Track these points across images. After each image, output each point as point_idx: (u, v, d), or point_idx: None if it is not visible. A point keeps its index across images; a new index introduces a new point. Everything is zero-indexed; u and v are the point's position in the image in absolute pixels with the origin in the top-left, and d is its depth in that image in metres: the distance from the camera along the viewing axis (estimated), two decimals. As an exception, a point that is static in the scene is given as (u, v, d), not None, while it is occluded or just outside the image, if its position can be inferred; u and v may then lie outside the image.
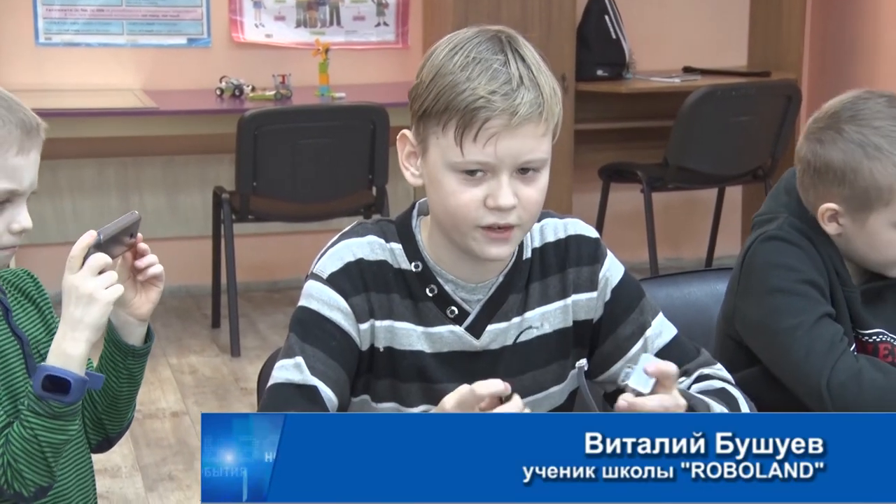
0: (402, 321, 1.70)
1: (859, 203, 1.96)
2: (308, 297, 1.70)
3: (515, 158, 1.60)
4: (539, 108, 1.59)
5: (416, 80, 1.66)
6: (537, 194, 1.64)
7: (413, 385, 1.71)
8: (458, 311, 1.71)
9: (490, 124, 1.58)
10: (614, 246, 1.93)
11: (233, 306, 4.70)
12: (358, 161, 4.65)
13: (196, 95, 5.19)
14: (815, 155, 1.98)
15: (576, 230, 1.78)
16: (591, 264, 1.77)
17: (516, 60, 1.60)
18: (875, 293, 2.08)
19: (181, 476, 3.66)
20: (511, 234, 1.64)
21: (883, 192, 1.93)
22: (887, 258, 2.01)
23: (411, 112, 1.67)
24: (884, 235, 1.98)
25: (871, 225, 1.97)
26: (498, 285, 1.72)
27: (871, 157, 1.93)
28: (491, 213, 1.61)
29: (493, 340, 1.72)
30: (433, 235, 1.72)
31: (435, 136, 1.62)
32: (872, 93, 2.00)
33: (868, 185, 1.93)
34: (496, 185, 1.60)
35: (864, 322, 2.05)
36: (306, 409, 1.64)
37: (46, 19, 5.18)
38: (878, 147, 1.92)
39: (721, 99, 5.00)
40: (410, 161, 1.69)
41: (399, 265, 1.71)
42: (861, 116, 1.95)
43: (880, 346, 2.07)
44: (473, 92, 1.58)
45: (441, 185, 1.63)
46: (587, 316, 1.77)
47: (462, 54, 1.61)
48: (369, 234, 1.72)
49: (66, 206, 5.23)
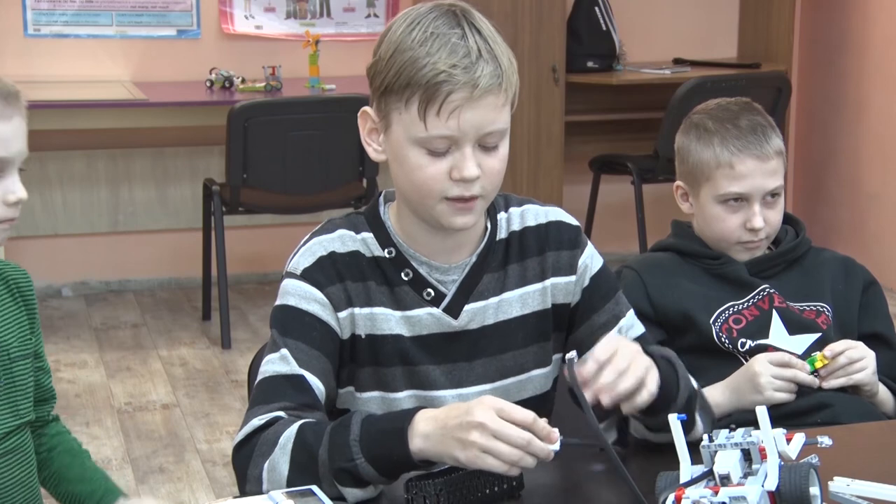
0: (381, 307, 1.73)
1: (693, 179, 2.19)
2: (285, 295, 1.73)
3: (478, 130, 1.64)
4: (499, 80, 1.63)
5: (375, 58, 1.69)
6: (499, 164, 1.68)
7: (396, 369, 1.74)
8: (434, 293, 1.74)
9: (452, 97, 1.61)
10: (605, 237, 1.96)
11: (223, 298, 4.69)
12: (348, 153, 4.65)
13: (186, 87, 5.18)
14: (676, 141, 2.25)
15: (556, 216, 1.83)
16: (571, 249, 1.81)
17: (473, 34, 1.64)
18: (769, 263, 2.18)
19: (172, 468, 3.66)
20: (475, 203, 1.67)
21: (705, 168, 2.15)
22: (714, 232, 2.18)
23: (371, 89, 1.70)
24: (709, 209, 2.17)
25: (702, 200, 2.18)
26: (471, 265, 1.76)
27: (699, 138, 2.17)
28: (456, 185, 1.65)
29: (472, 320, 1.75)
30: (402, 216, 1.75)
31: (397, 111, 1.65)
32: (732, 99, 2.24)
33: (694, 162, 2.18)
34: (460, 157, 1.64)
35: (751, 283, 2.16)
36: (296, 398, 1.67)
37: (35, 10, 5.16)
38: (706, 129, 2.16)
39: (711, 90, 4.99)
40: (372, 137, 1.73)
41: (372, 253, 1.74)
42: (706, 108, 2.21)
43: (805, 313, 2.14)
44: (434, 66, 1.61)
45: (406, 159, 1.66)
46: (565, 300, 1.81)
47: (420, 29, 1.63)
48: (338, 228, 1.76)
49: (56, 198, 5.22)
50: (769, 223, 2.15)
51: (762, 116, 2.19)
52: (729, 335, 2.11)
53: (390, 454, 1.54)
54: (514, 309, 1.77)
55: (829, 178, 5.88)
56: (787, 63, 5.65)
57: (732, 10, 5.95)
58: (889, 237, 5.47)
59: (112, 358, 4.60)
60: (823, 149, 5.92)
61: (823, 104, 5.89)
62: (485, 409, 1.50)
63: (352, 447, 1.55)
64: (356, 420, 1.58)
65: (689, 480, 1.45)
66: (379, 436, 1.55)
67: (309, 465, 1.57)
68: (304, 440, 1.59)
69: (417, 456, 1.54)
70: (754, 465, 1.45)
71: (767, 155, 2.13)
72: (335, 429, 1.58)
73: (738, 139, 2.13)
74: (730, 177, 2.13)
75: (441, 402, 1.74)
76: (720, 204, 2.16)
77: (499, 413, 1.50)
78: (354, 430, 1.56)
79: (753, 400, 1.97)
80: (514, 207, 1.81)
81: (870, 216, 5.61)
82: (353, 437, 1.55)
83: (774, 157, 2.14)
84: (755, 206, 2.13)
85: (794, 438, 1.50)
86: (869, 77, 5.57)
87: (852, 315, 2.19)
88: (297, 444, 1.59)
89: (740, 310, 2.13)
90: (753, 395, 2.00)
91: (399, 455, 1.54)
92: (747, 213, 2.14)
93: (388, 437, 1.55)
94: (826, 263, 2.22)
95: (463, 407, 1.53)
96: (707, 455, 1.47)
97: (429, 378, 1.74)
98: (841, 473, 1.55)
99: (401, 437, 1.54)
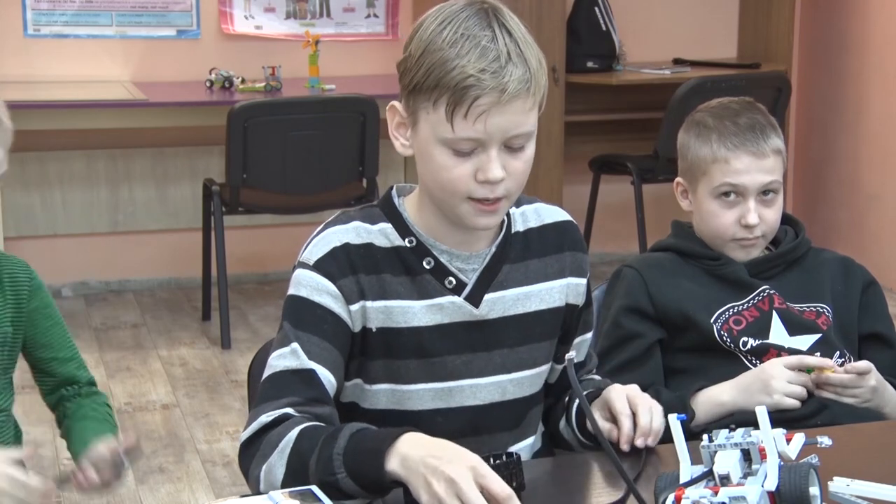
0: (397, 299, 1.72)
1: (692, 175, 2.20)
2: (297, 285, 1.72)
3: (504, 133, 1.64)
4: (527, 84, 1.63)
5: (405, 54, 1.69)
6: (524, 165, 1.69)
7: (411, 362, 1.73)
8: (455, 281, 1.75)
9: (480, 102, 1.61)
10: (604, 237, 1.99)
11: (223, 298, 4.69)
12: (348, 153, 4.65)
13: (186, 87, 5.18)
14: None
15: (568, 218, 1.87)
16: (582, 252, 1.86)
17: (503, 35, 1.63)
18: (769, 264, 2.18)
19: (172, 468, 3.66)
20: (499, 205, 1.69)
21: (702, 163, 2.16)
22: (710, 229, 2.18)
23: (401, 85, 1.70)
24: (706, 205, 2.18)
25: (699, 196, 2.19)
26: (491, 255, 1.77)
27: (698, 135, 2.18)
28: (481, 187, 1.66)
29: (492, 309, 1.76)
30: (422, 208, 1.75)
31: (425, 110, 1.65)
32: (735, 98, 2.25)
33: (693, 158, 2.19)
34: (486, 158, 1.64)
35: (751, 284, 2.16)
36: (305, 392, 1.66)
37: (35, 10, 5.16)
38: (706, 125, 2.17)
39: (711, 91, 4.98)
40: (400, 131, 1.73)
41: (392, 243, 1.74)
42: (708, 107, 2.22)
43: (805, 313, 2.14)
44: (463, 70, 1.60)
45: (432, 158, 1.67)
46: (575, 301, 1.84)
47: (451, 29, 1.63)
48: (353, 220, 1.76)
49: (56, 199, 5.21)
50: (765, 221, 2.15)
51: (763, 115, 2.19)
52: (730, 334, 2.11)
53: (368, 473, 1.52)
54: (534, 303, 1.79)
55: (829, 178, 5.88)
56: (786, 63, 5.65)
57: (732, 10, 5.95)
58: (889, 237, 5.47)
59: (112, 358, 4.60)
60: (823, 149, 5.92)
61: (823, 104, 5.89)
62: (464, 469, 1.45)
63: (334, 461, 1.53)
64: (345, 433, 1.55)
65: (689, 480, 1.46)
66: (361, 453, 1.53)
67: (302, 472, 1.57)
68: (300, 447, 1.58)
69: (390, 476, 1.50)
70: (754, 466, 1.45)
71: (764, 152, 2.13)
72: (326, 439, 1.56)
73: (735, 136, 2.14)
74: (725, 171, 2.14)
75: (457, 392, 1.75)
76: (716, 199, 2.16)
77: (477, 478, 1.44)
78: (340, 444, 1.54)
79: (761, 401, 1.94)
80: (525, 205, 1.83)
81: (869, 216, 5.61)
82: (336, 451, 1.54)
83: (771, 156, 2.14)
84: (750, 201, 2.14)
85: (794, 439, 1.50)
86: (869, 77, 5.57)
87: (852, 315, 2.18)
88: (294, 450, 1.58)
89: (740, 311, 2.13)
90: (762, 396, 1.98)
91: (375, 474, 1.51)
92: (742, 209, 2.14)
93: (368, 455, 1.52)
94: (826, 264, 2.22)
95: (449, 453, 1.48)
96: (707, 455, 1.47)
97: (446, 368, 1.74)
98: (841, 473, 1.55)
99: (378, 457, 1.51)
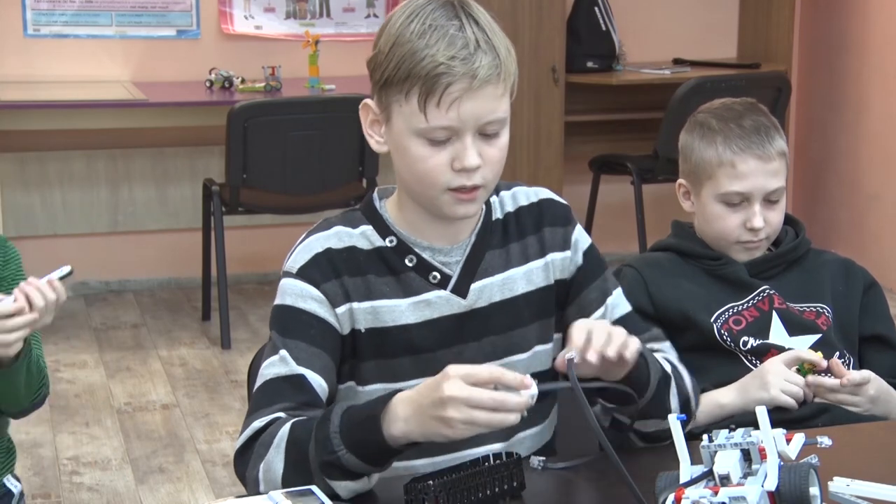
0: (383, 299, 1.74)
1: (695, 177, 2.19)
2: (282, 294, 1.75)
3: (478, 120, 1.66)
4: (497, 70, 1.65)
5: (375, 50, 1.70)
6: (500, 153, 1.70)
7: (403, 360, 1.75)
8: (440, 275, 1.76)
9: (451, 89, 1.63)
10: (604, 237, 1.98)
11: (223, 298, 4.69)
12: (348, 153, 4.65)
13: (185, 87, 5.18)
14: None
15: (546, 195, 1.87)
16: (564, 225, 1.85)
17: (470, 24, 1.65)
18: (770, 264, 2.18)
19: (171, 468, 3.66)
20: (477, 193, 1.70)
21: (707, 166, 2.15)
22: (714, 231, 2.18)
23: (372, 81, 1.72)
24: (710, 208, 2.17)
25: (703, 198, 2.18)
26: (472, 244, 1.78)
27: (702, 136, 2.17)
28: (458, 176, 1.67)
29: (479, 298, 1.77)
30: (402, 206, 1.77)
31: (398, 103, 1.67)
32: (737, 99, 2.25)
33: (697, 160, 2.18)
34: (461, 146, 1.66)
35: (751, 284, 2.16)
36: (296, 398, 1.68)
37: (35, 10, 5.16)
38: (710, 127, 2.17)
39: (711, 91, 4.98)
40: (374, 129, 1.75)
41: (373, 245, 1.76)
42: (711, 107, 2.22)
43: (805, 314, 2.14)
44: (433, 59, 1.63)
45: (408, 151, 1.69)
46: (562, 275, 1.84)
47: (418, 21, 1.65)
48: (334, 225, 1.79)
49: (55, 199, 5.21)
50: (769, 224, 2.15)
51: (766, 117, 2.19)
52: (730, 334, 2.11)
53: (368, 442, 1.55)
54: (520, 286, 1.80)
55: (829, 178, 5.88)
56: (786, 63, 5.65)
57: (732, 10, 5.95)
58: (889, 238, 5.47)
59: (112, 358, 4.60)
60: (823, 149, 5.91)
61: (823, 104, 5.89)
62: (452, 382, 1.49)
63: (332, 439, 1.56)
64: (337, 412, 1.58)
65: (689, 480, 1.45)
66: (356, 425, 1.56)
67: (301, 461, 1.58)
68: (295, 437, 1.60)
69: (400, 440, 1.54)
70: (754, 466, 1.45)
71: (769, 155, 2.13)
72: (319, 423, 1.59)
73: (741, 139, 2.13)
74: (731, 176, 2.13)
75: None
76: (721, 203, 2.16)
77: (465, 380, 1.49)
78: (335, 422, 1.57)
79: (759, 398, 1.96)
80: (504, 191, 1.85)
81: (870, 217, 5.61)
82: (332, 430, 1.56)
83: (777, 158, 2.14)
84: (755, 205, 2.14)
85: (794, 438, 1.49)
86: (869, 77, 5.57)
87: (853, 316, 2.18)
88: (290, 441, 1.60)
89: (740, 311, 2.13)
90: (759, 392, 1.99)
91: (377, 442, 1.55)
92: (748, 212, 2.14)
93: (364, 424, 1.55)
94: (826, 265, 2.22)
95: (433, 383, 1.52)
96: (707, 455, 1.47)
97: (439, 363, 1.73)
98: (841, 473, 1.55)
99: (375, 423, 1.54)
